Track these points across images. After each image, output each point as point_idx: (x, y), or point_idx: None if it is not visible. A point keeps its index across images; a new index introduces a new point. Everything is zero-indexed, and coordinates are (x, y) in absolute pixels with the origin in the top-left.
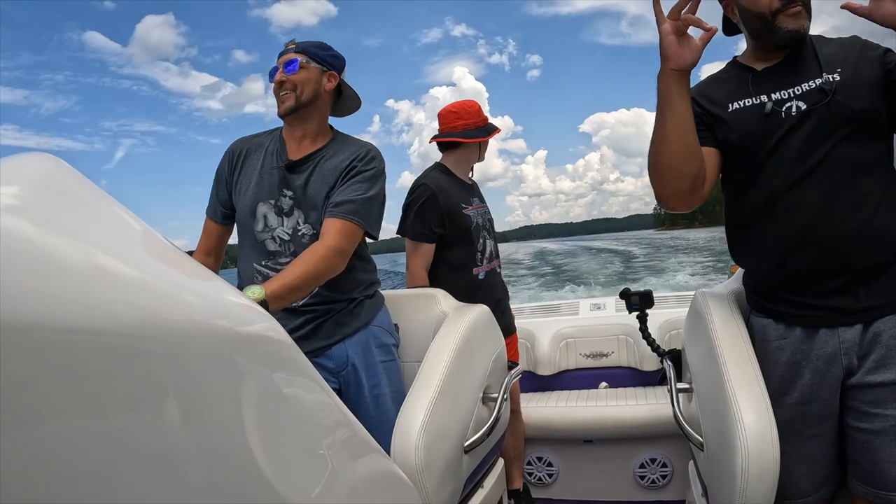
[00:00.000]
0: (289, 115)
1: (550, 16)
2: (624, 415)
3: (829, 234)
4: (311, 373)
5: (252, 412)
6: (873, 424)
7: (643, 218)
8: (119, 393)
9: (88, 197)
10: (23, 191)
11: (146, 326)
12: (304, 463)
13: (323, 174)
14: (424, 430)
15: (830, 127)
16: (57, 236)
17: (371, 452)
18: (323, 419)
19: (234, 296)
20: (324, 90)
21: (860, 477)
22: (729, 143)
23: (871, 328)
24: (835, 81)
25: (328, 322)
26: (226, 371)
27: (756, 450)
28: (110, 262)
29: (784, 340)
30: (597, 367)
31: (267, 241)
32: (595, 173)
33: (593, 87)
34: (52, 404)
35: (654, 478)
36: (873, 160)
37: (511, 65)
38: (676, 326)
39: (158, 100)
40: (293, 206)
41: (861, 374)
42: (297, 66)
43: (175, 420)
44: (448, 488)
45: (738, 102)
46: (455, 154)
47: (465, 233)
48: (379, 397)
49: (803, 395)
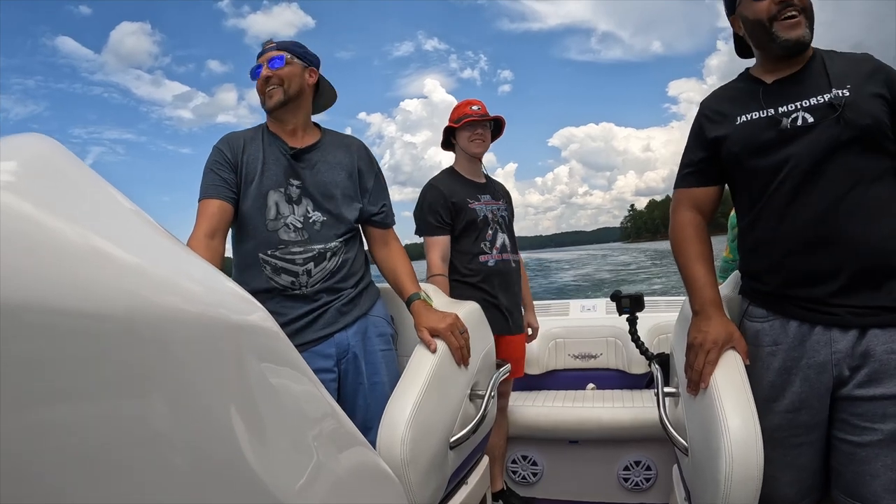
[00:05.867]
0: (278, 108)
1: (521, 31)
2: (610, 416)
3: (831, 241)
4: (300, 364)
5: (239, 401)
6: (860, 438)
7: (611, 231)
8: (107, 377)
9: (85, 180)
10: (19, 171)
11: (138, 311)
12: (289, 453)
13: (331, 166)
14: (411, 425)
15: (838, 141)
16: (52, 217)
17: (356, 445)
18: (310, 410)
19: (226, 284)
20: (307, 84)
21: (843, 488)
22: (733, 156)
23: (864, 339)
24: (844, 97)
25: (331, 310)
26: (215, 359)
27: (740, 456)
28: (105, 246)
29: (777, 346)
30: (585, 368)
31: (280, 231)
32: (564, 187)
33: (563, 101)
34: (41, 386)
35: (638, 480)
36: (878, 173)
37: (483, 80)
38: (666, 331)
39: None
40: (301, 195)
41: (852, 386)
42: (283, 61)
43: (162, 406)
44: (432, 484)
45: (747, 115)
46: (455, 154)
47: (472, 223)
48: (376, 385)
49: (793, 402)
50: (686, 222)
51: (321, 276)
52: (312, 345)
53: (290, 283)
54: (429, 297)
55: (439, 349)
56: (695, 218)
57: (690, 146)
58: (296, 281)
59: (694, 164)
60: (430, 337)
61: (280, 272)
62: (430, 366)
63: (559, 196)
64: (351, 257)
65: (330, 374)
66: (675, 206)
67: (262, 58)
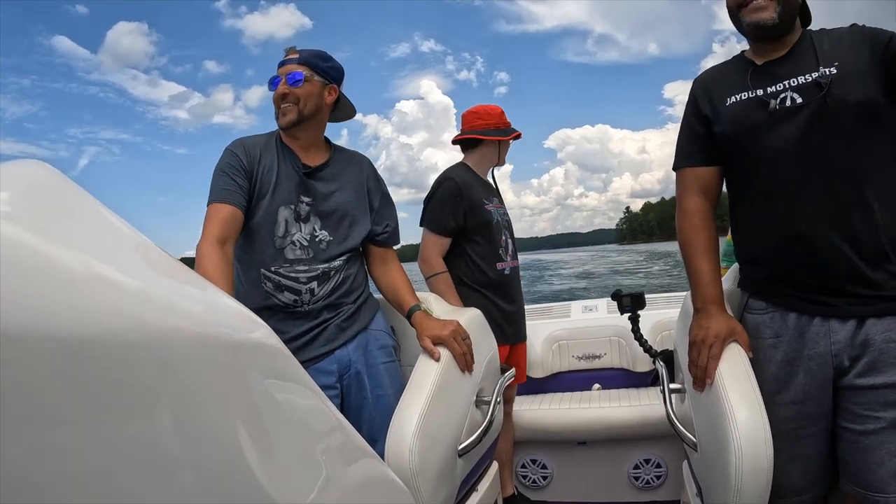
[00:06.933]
0: (290, 128)
1: (518, 33)
2: (617, 416)
3: (823, 232)
4: (305, 379)
5: (246, 419)
6: (864, 426)
7: (606, 233)
8: (111, 401)
9: (81, 204)
10: (15, 198)
11: (139, 334)
12: (298, 469)
13: (341, 185)
14: (418, 434)
15: (826, 120)
16: (50, 244)
17: (365, 457)
18: (317, 425)
19: (228, 303)
20: (324, 104)
21: (850, 477)
22: (726, 138)
23: (863, 329)
24: (831, 75)
25: (331, 326)
26: (219, 378)
27: (749, 448)
28: (104, 270)
29: (778, 339)
30: (589, 368)
31: (287, 249)
32: (560, 188)
33: (559, 103)
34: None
35: (649, 478)
36: (872, 158)
37: (479, 81)
38: (668, 327)
39: (125, 108)
40: (309, 213)
41: (852, 376)
42: (302, 79)
43: (168, 427)
44: (442, 492)
45: (736, 96)
46: (475, 154)
47: (488, 226)
48: (381, 398)
49: (798, 394)
50: (693, 210)
51: (324, 293)
52: (313, 362)
53: (292, 301)
54: (429, 309)
55: (443, 357)
56: (702, 205)
57: (688, 123)
58: (298, 299)
59: (695, 142)
60: (432, 345)
61: (283, 290)
62: (435, 374)
63: (555, 198)
64: (353, 274)
65: (332, 390)
66: (682, 191)
67: (282, 69)
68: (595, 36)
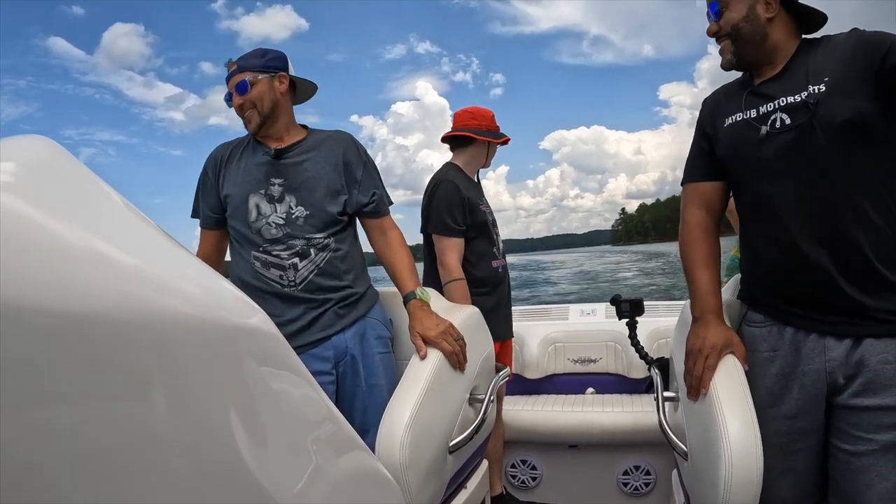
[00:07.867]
0: (259, 130)
1: (513, 35)
2: (610, 421)
3: (814, 252)
4: (299, 367)
5: (238, 404)
6: (855, 447)
7: (602, 234)
8: (105, 380)
9: (83, 181)
10: (18, 172)
11: (136, 313)
12: (287, 457)
13: (314, 161)
14: (410, 429)
15: (814, 140)
16: (51, 219)
17: (355, 449)
18: (308, 414)
19: (225, 287)
20: (279, 94)
21: (838, 496)
22: (725, 158)
23: (859, 348)
24: (819, 93)
25: (328, 312)
26: (214, 362)
27: (740, 461)
28: (103, 248)
29: (775, 352)
30: (584, 372)
31: (263, 229)
32: (555, 189)
33: (554, 104)
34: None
35: (638, 485)
36: (862, 177)
37: (475, 83)
38: (665, 335)
39: (121, 109)
40: (283, 192)
41: (846, 395)
42: (248, 85)
43: (161, 408)
44: (431, 488)
45: (733, 117)
46: (465, 153)
47: (484, 226)
48: (374, 388)
49: (791, 409)
50: (694, 223)
51: (308, 270)
52: (310, 347)
53: (278, 276)
54: (426, 295)
55: (439, 353)
56: (704, 218)
57: (696, 140)
58: (283, 275)
59: (699, 157)
60: (422, 343)
61: (269, 266)
62: (430, 369)
63: (550, 199)
64: (340, 255)
65: (328, 376)
66: (685, 204)
67: (230, 84)
68: (590, 37)
